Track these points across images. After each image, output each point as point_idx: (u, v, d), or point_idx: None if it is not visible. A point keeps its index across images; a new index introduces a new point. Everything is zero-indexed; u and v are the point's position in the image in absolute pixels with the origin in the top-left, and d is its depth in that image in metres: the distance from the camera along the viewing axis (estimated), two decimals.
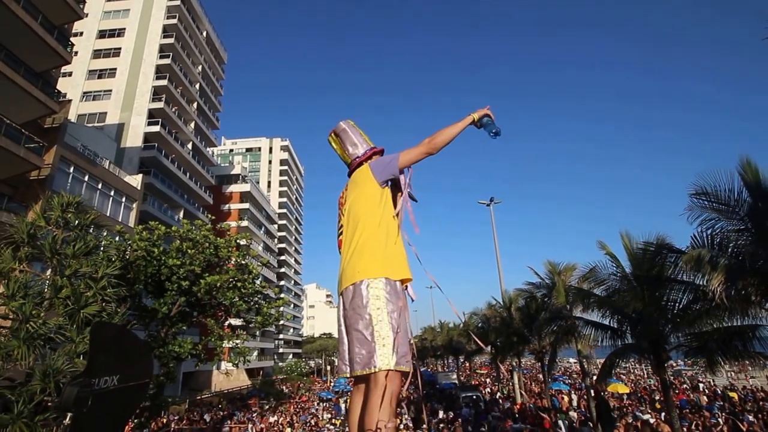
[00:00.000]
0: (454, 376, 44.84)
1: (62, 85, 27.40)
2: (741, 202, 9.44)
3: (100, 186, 26.81)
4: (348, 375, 2.40)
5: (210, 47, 53.86)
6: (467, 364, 56.52)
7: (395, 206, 2.82)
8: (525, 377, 35.96)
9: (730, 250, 9.82)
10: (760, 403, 21.71)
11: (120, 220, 27.70)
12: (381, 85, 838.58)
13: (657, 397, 24.10)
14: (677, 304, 11.98)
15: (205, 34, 52.41)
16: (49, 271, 7.45)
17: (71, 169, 24.24)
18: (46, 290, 7.08)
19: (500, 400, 27.32)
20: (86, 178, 25.51)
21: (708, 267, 9.47)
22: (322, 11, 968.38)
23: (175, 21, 44.81)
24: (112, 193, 28.04)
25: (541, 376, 25.33)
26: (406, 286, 2.60)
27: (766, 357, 10.85)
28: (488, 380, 44.47)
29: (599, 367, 18.56)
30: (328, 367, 78.00)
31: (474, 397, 25.96)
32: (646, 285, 12.41)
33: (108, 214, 26.50)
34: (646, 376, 41.84)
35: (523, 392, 27.40)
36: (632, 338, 13.50)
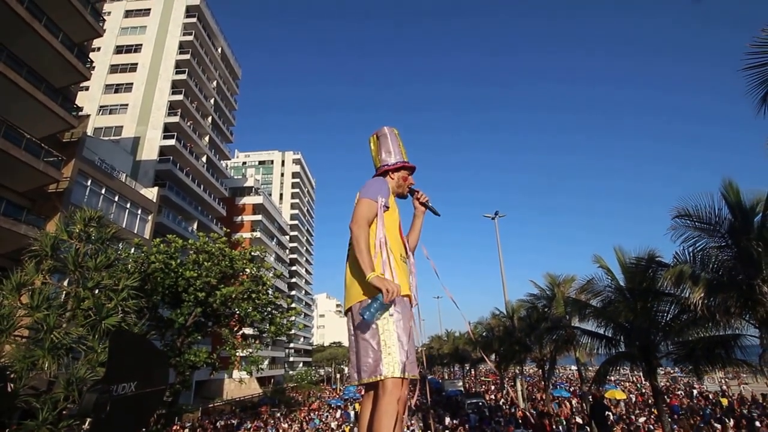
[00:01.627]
0: (460, 384, 45.26)
1: (79, 99, 27.97)
2: (722, 220, 10.01)
3: (116, 198, 27.29)
4: (357, 383, 2.51)
5: (225, 63, 54.50)
6: (473, 372, 57.01)
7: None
8: (527, 384, 36.35)
9: (711, 265, 10.37)
10: (747, 407, 22.04)
11: (136, 231, 28.38)
12: (396, 100, 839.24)
13: (651, 402, 24.48)
14: (666, 315, 12.57)
15: (220, 50, 53.04)
16: (66, 282, 7.69)
17: (89, 182, 24.62)
18: (63, 300, 7.31)
19: (504, 406, 27.73)
20: (103, 191, 25.94)
21: (689, 282, 10.05)
22: (335, 27, 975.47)
23: (191, 38, 45.60)
24: (128, 205, 28.53)
25: (542, 383, 25.77)
26: (412, 301, 2.72)
27: (748, 364, 11.35)
28: (493, 387, 44.92)
29: None
30: (338, 375, 78.32)
31: (479, 403, 26.37)
32: (637, 297, 12.98)
33: (124, 226, 27.02)
34: (642, 382, 42.14)
35: (525, 398, 27.77)
36: (625, 347, 14.02)
